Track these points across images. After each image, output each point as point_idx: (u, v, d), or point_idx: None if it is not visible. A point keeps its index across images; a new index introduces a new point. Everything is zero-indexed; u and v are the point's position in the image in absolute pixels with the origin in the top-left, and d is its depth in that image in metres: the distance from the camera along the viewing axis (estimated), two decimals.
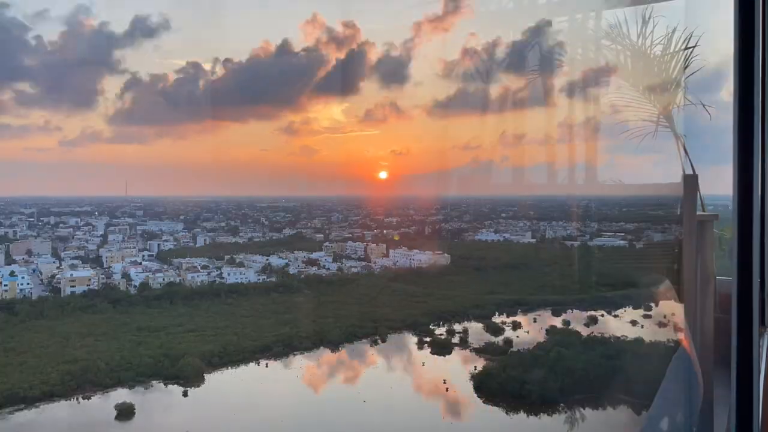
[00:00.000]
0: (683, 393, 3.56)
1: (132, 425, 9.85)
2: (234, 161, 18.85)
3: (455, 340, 12.73)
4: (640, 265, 13.51)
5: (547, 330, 12.88)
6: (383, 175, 19.44)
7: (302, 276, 15.10)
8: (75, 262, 14.36)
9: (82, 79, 16.39)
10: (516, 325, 13.03)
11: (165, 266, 14.84)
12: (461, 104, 17.11)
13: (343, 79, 17.02)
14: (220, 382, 11.37)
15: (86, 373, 10.56)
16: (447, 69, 16.38)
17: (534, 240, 16.38)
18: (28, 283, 13.16)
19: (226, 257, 15.44)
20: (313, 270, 15.36)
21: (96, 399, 10.34)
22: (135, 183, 17.78)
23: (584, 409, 10.21)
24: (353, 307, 13.93)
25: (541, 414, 10.18)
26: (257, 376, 11.73)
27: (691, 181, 3.59)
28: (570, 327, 12.89)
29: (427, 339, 12.75)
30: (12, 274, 13.34)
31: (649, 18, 4.73)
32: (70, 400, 10.28)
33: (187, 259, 15.20)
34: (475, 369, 11.51)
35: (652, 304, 12.43)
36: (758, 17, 2.12)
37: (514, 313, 13.38)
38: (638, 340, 11.86)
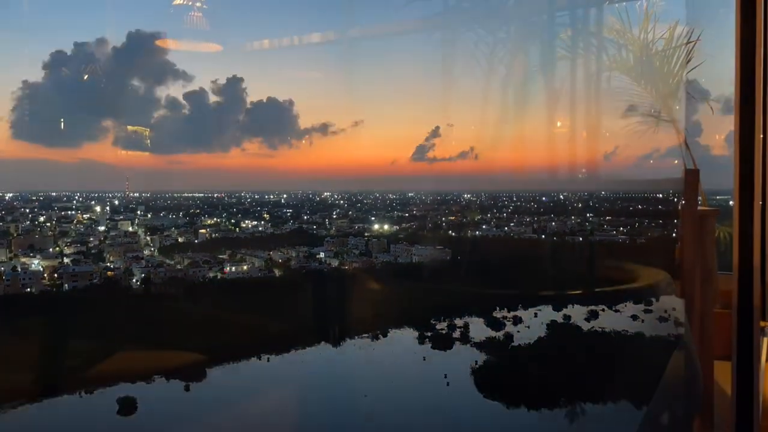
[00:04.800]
0: (683, 388, 3.56)
1: (134, 419, 9.87)
2: (235, 158, 18.87)
3: (456, 334, 12.74)
4: (641, 260, 13.51)
5: (547, 325, 12.88)
6: (386, 171, 19.44)
7: (303, 271, 15.11)
8: (77, 257, 14.40)
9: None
10: (517, 320, 13.03)
11: (167, 261, 14.87)
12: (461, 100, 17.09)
13: None
14: (221, 376, 11.39)
15: (89, 367, 10.59)
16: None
17: (535, 235, 16.38)
18: (30, 278, 13.19)
19: (228, 252, 15.46)
20: (314, 265, 15.38)
21: (98, 393, 10.37)
22: (137, 179, 17.82)
23: (585, 403, 10.21)
24: (354, 302, 13.94)
25: (542, 408, 10.20)
26: (258, 371, 11.76)
27: (692, 176, 3.58)
28: (571, 321, 12.90)
29: (428, 334, 12.75)
30: (14, 269, 13.38)
31: (650, 12, 4.71)
32: (72, 394, 10.31)
33: (189, 253, 15.23)
34: (476, 363, 11.52)
35: (653, 299, 12.44)
36: (760, 12, 2.11)
37: (515, 308, 13.37)
38: (639, 335, 11.86)
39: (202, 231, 16.35)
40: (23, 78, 15.87)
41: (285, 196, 19.16)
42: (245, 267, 14.94)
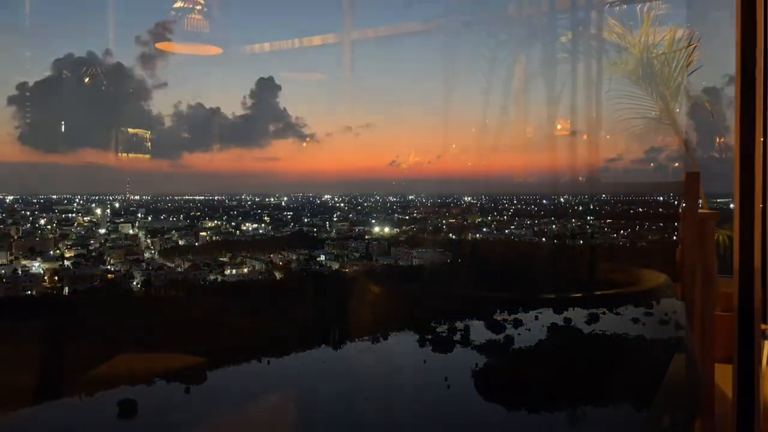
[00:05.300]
0: (684, 391, 3.56)
1: (134, 423, 9.87)
2: (236, 161, 18.88)
3: (457, 337, 12.73)
4: (641, 263, 13.49)
5: (548, 327, 12.86)
6: (386, 173, 19.45)
7: (304, 274, 15.11)
8: (78, 260, 14.41)
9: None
10: (517, 323, 13.02)
11: (167, 264, 14.87)
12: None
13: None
14: (222, 379, 11.39)
15: (89, 370, 10.59)
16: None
17: (535, 238, 16.38)
18: (30, 281, 13.20)
19: (228, 255, 15.46)
20: (315, 268, 15.38)
21: (98, 396, 10.37)
22: (137, 182, 17.84)
23: (586, 406, 10.21)
24: (355, 305, 13.94)
25: (543, 411, 10.18)
26: (259, 373, 11.75)
27: (693, 179, 3.58)
28: (572, 324, 12.88)
29: (429, 336, 12.74)
30: (14, 271, 13.39)
31: (651, 15, 4.72)
32: (73, 397, 10.30)
33: (189, 256, 15.24)
34: (477, 366, 11.51)
35: (654, 302, 12.42)
36: (761, 15, 2.12)
37: (516, 311, 13.36)
38: (640, 338, 11.85)
39: (203, 234, 16.36)
40: (24, 81, 15.90)
41: (285, 198, 19.17)
42: (245, 270, 14.94)
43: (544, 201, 17.95)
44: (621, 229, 15.63)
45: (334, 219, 17.84)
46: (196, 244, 16.02)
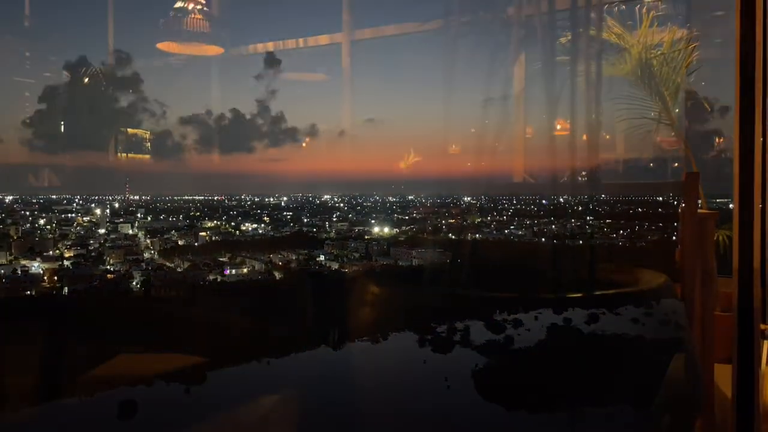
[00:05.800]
0: (684, 391, 3.57)
1: (134, 423, 9.87)
2: (236, 161, 18.87)
3: (456, 337, 12.71)
4: (641, 263, 13.49)
5: (548, 328, 12.84)
6: (386, 173, 19.45)
7: (304, 274, 15.11)
8: (77, 260, 14.41)
9: None
10: (517, 323, 13.00)
11: (167, 264, 14.87)
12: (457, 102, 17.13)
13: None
14: (222, 379, 11.38)
15: (89, 371, 10.58)
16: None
17: (535, 238, 16.37)
18: (30, 281, 13.19)
19: (228, 255, 15.46)
20: (314, 268, 15.38)
21: (98, 397, 10.36)
22: (137, 182, 17.84)
23: (585, 406, 10.20)
24: (354, 305, 13.92)
25: (543, 411, 10.18)
26: (258, 373, 11.75)
27: (692, 179, 3.58)
28: (571, 325, 12.86)
29: (429, 337, 12.73)
30: (14, 271, 13.39)
31: (651, 15, 4.72)
32: (72, 398, 10.29)
33: (189, 256, 15.24)
34: (477, 366, 11.50)
35: (654, 302, 12.41)
36: (760, 15, 2.12)
37: (516, 311, 13.33)
38: (639, 338, 11.84)
39: (202, 234, 16.35)
40: (24, 83, 15.91)
41: (285, 198, 19.18)
42: (245, 270, 14.94)
43: (544, 201, 17.94)
44: (620, 230, 15.62)
45: (334, 219, 17.84)
46: (196, 244, 16.02)
